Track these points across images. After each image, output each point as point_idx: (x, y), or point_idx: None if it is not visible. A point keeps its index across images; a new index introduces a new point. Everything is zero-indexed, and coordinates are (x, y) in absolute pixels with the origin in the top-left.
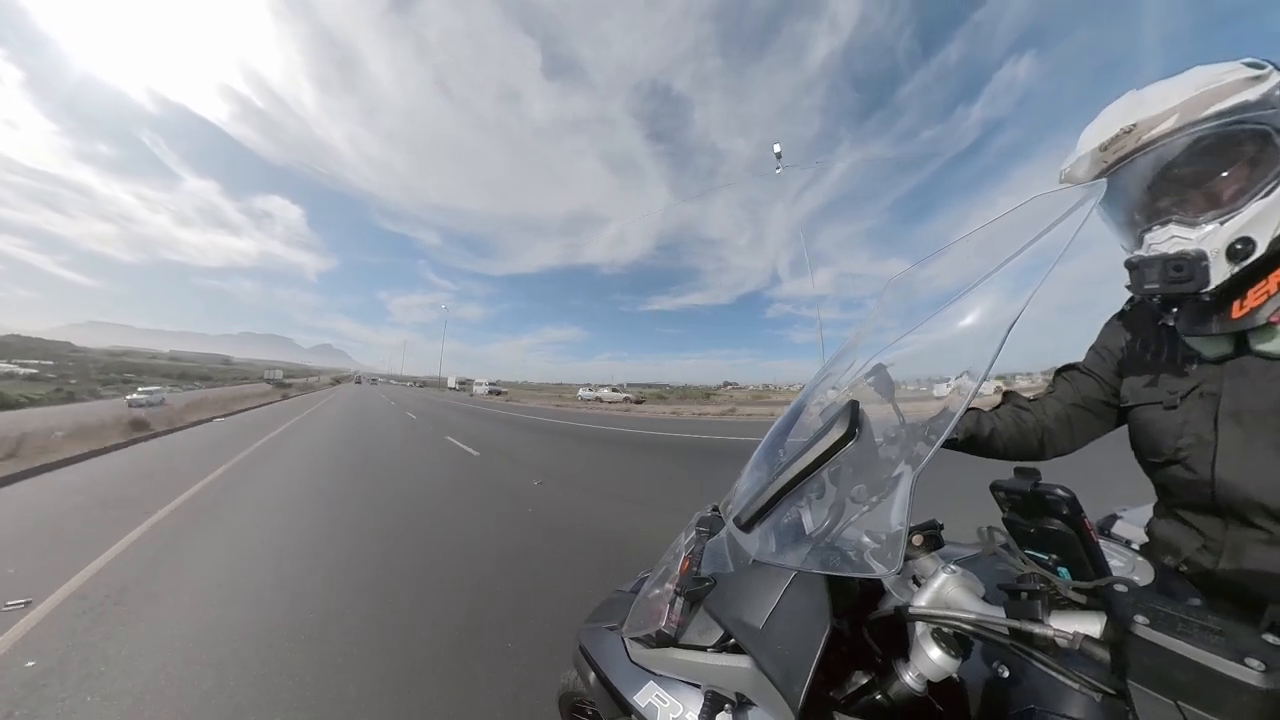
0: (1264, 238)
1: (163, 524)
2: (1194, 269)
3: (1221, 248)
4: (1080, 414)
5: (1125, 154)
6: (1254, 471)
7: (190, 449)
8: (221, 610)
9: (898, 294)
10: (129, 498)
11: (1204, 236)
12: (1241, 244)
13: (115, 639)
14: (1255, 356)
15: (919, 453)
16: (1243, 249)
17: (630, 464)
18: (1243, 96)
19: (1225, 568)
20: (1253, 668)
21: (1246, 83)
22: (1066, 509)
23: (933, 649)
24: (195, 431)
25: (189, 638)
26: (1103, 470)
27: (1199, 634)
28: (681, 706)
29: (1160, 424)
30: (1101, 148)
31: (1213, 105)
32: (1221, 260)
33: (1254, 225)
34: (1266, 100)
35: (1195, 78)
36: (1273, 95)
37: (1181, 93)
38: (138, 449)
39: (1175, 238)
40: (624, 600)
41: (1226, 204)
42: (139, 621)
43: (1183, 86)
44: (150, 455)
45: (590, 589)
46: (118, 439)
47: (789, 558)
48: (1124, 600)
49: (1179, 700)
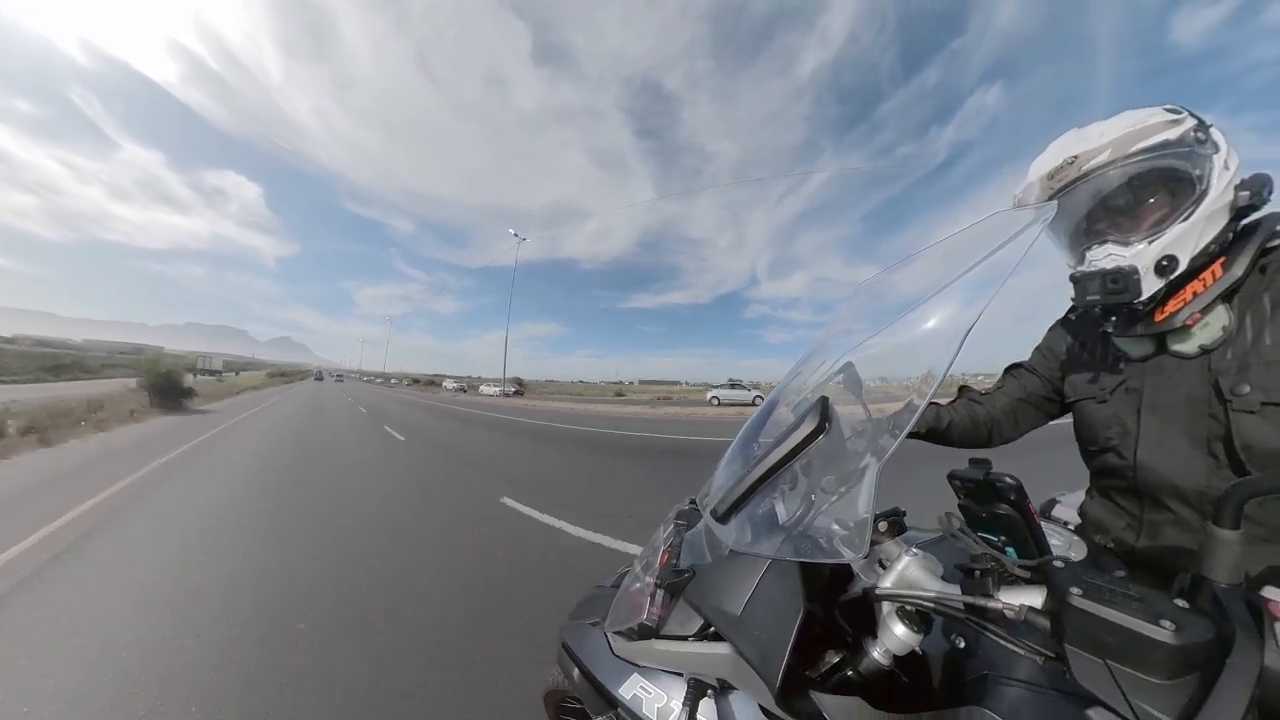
0: (1185, 255)
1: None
2: (1128, 282)
3: (1150, 264)
4: (1024, 407)
5: (1068, 182)
6: (1166, 455)
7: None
8: None
9: (867, 297)
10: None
11: (1136, 254)
12: (1167, 260)
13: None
14: (1171, 356)
15: (884, 445)
16: (1168, 265)
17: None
18: (1164, 135)
19: (1144, 544)
20: (1165, 628)
21: (1167, 124)
22: (1013, 495)
23: (898, 626)
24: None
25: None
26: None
27: (1123, 601)
28: (665, 696)
29: (1095, 416)
30: (1049, 176)
31: (1140, 142)
32: (1151, 274)
33: (1176, 245)
34: (1182, 140)
35: (1126, 118)
36: (1187, 136)
37: (1115, 130)
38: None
39: (1112, 255)
40: (605, 595)
41: (1153, 227)
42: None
43: (1116, 125)
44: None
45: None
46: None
47: (764, 547)
48: (1061, 575)
49: (1107, 659)
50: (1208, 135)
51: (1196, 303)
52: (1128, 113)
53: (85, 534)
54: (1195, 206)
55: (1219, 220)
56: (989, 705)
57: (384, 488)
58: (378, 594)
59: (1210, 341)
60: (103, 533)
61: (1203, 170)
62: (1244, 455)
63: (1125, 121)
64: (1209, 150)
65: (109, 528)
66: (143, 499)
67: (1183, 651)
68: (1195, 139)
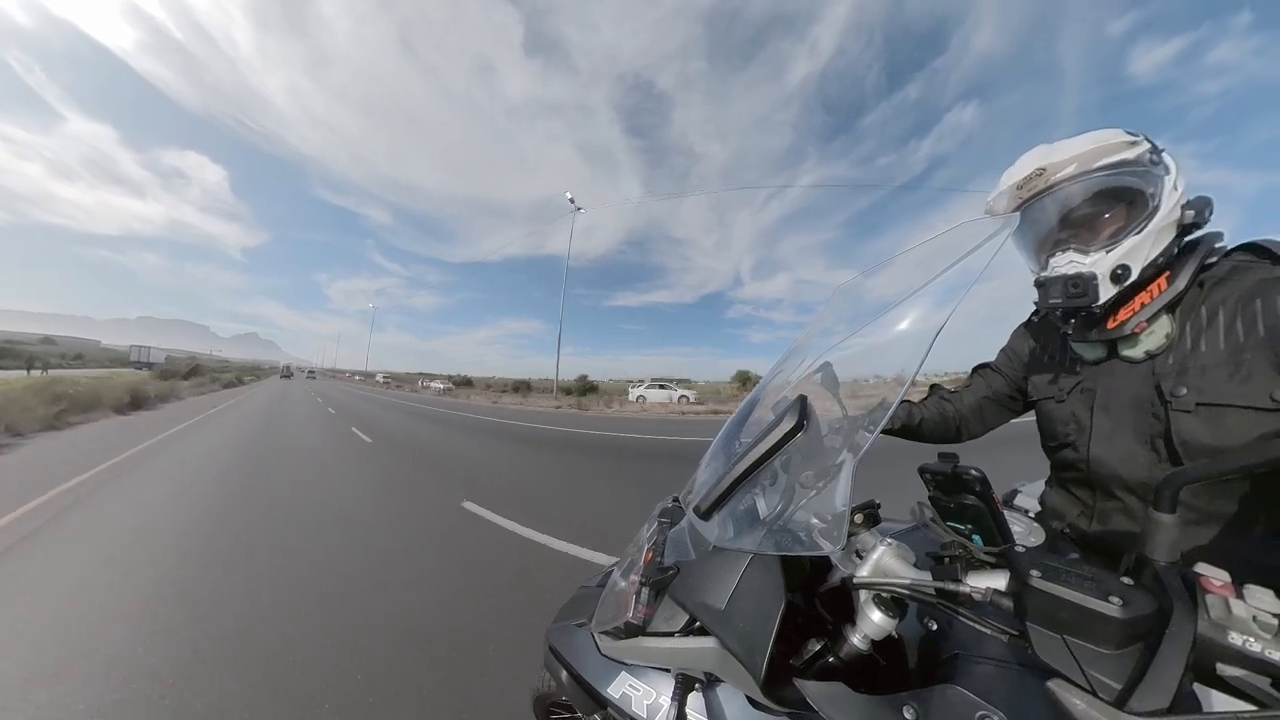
0: (1137, 265)
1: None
2: (1088, 286)
3: (1107, 271)
4: (990, 405)
5: (1036, 192)
6: (1116, 449)
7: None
8: None
9: (844, 300)
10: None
11: (1094, 262)
12: (1121, 270)
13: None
14: (1121, 360)
15: (859, 441)
16: (1122, 274)
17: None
18: (1123, 155)
19: (1095, 529)
20: (1114, 604)
21: (1126, 145)
22: (979, 486)
23: (874, 612)
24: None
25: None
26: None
27: (1077, 581)
28: (654, 692)
29: (1054, 414)
30: (1018, 186)
31: (1103, 159)
32: (1107, 281)
33: (1129, 255)
34: (1139, 160)
35: (1091, 137)
36: (1144, 157)
37: (1080, 147)
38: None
39: (1073, 261)
40: (590, 596)
41: (1110, 238)
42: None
43: (1081, 142)
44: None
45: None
46: None
47: (746, 541)
48: (1022, 559)
49: (1064, 634)
50: (1160, 158)
51: (1144, 312)
52: (1092, 132)
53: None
54: (1148, 221)
55: (1166, 236)
56: (960, 682)
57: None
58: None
59: (1155, 348)
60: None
61: (1155, 189)
62: (1181, 450)
63: (1090, 139)
64: (1161, 172)
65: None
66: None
67: (1129, 624)
68: (1150, 160)
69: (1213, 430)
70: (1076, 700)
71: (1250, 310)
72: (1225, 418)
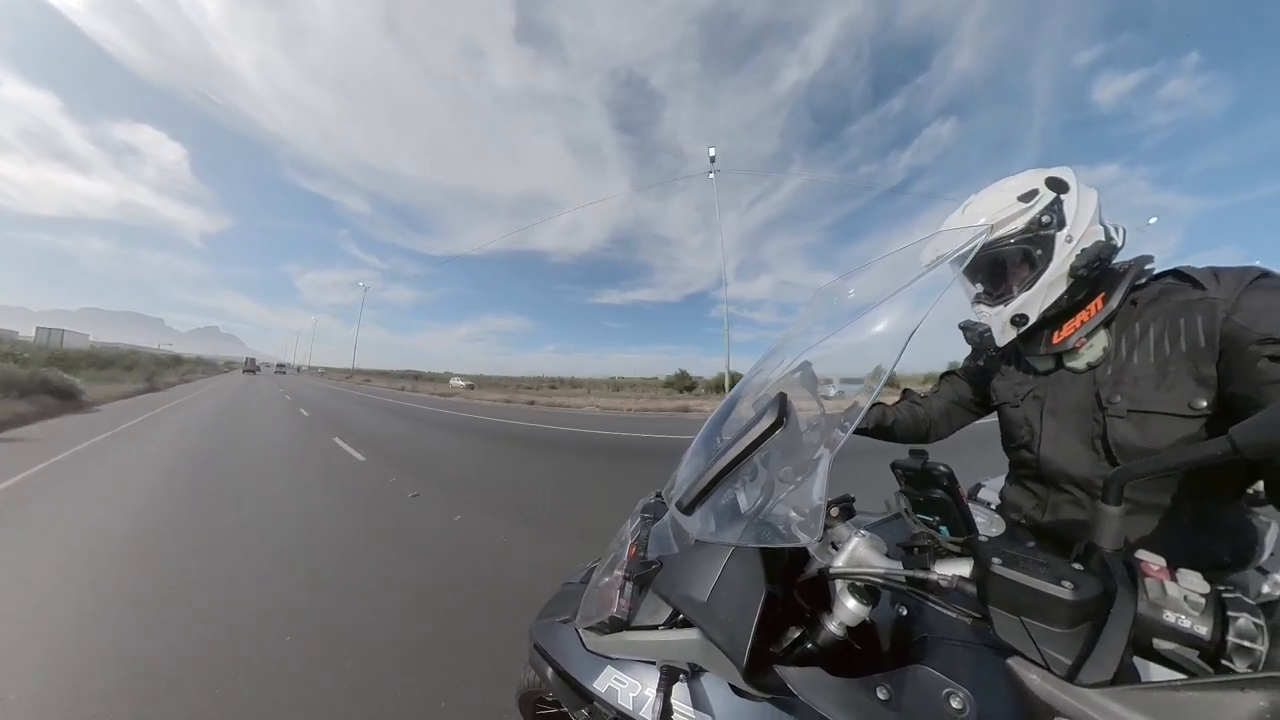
0: (1034, 312)
1: None
2: (985, 339)
3: (1005, 321)
4: (956, 409)
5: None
6: (1062, 450)
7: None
8: None
9: (824, 301)
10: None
11: (996, 313)
12: (1018, 318)
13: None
14: (1067, 370)
15: (835, 438)
16: (1020, 321)
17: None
18: (1013, 225)
19: (1049, 520)
20: (1066, 588)
21: (1018, 214)
22: (946, 481)
23: (850, 600)
24: None
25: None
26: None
27: (1033, 568)
28: (640, 684)
29: (1011, 418)
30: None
31: (1000, 230)
32: (1008, 327)
33: (1024, 306)
34: (1028, 227)
35: (996, 201)
36: (1034, 222)
37: (988, 211)
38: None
39: (983, 313)
40: (574, 592)
41: (1005, 294)
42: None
43: (991, 205)
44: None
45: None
46: None
47: (727, 535)
48: (984, 548)
49: (1022, 616)
50: (1054, 215)
51: (1083, 329)
52: (1001, 187)
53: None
54: (1037, 278)
55: (1060, 286)
56: (929, 662)
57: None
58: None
59: (1095, 360)
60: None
61: (1044, 249)
62: (1115, 451)
63: (991, 205)
64: (1053, 230)
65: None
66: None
67: (1079, 605)
68: (1041, 222)
69: (1142, 433)
70: (1033, 676)
71: (1175, 328)
72: (1151, 423)
